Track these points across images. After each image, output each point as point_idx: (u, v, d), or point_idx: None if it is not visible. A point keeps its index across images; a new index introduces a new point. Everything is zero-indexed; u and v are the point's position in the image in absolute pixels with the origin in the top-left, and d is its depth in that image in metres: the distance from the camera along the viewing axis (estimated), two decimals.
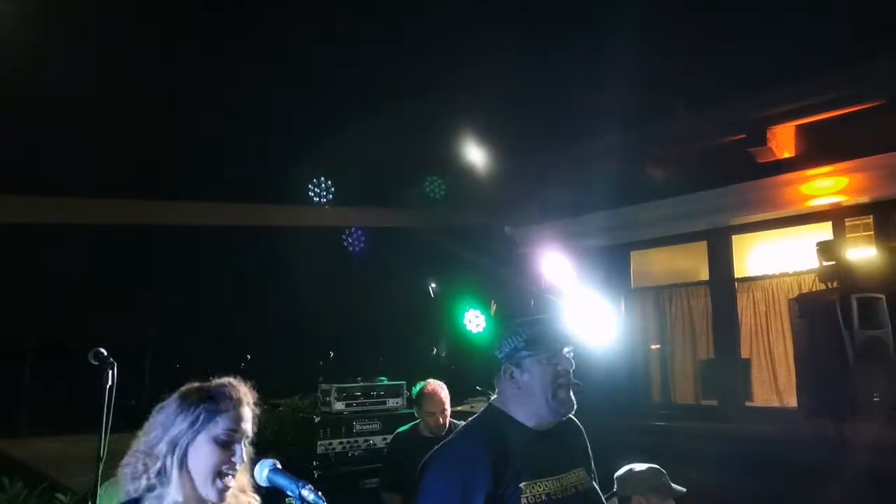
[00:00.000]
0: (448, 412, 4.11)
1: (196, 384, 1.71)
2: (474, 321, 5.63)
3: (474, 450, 2.05)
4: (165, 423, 1.62)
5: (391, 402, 5.13)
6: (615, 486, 3.00)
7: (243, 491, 1.70)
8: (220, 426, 1.63)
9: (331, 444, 4.79)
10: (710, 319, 6.33)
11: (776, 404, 5.85)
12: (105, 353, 2.78)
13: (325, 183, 4.06)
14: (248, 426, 1.68)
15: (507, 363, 2.13)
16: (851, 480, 4.50)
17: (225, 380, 1.73)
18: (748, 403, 6.02)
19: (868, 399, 4.47)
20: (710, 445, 5.56)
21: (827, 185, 5.37)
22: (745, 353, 6.08)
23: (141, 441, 1.63)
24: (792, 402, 5.64)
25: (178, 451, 1.59)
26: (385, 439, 4.99)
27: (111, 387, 2.72)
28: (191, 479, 1.60)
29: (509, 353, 2.13)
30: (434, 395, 4.08)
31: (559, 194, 6.39)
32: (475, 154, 6.44)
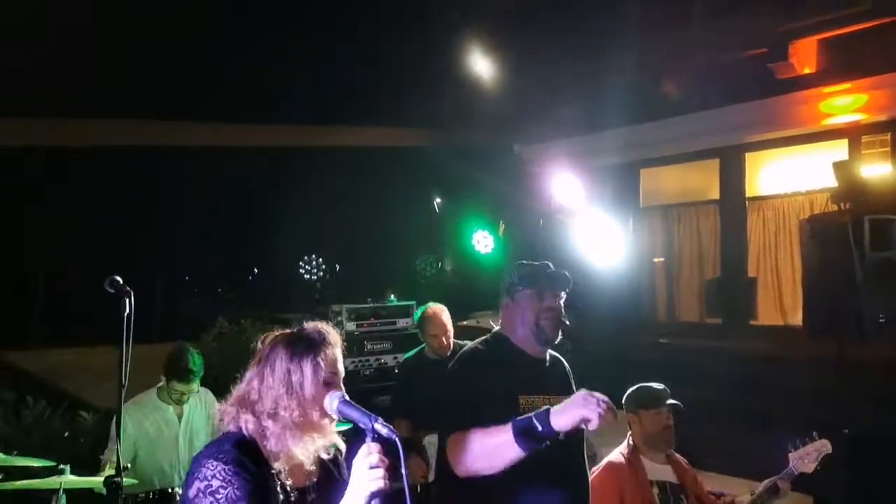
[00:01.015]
0: (451, 333, 4.17)
1: (292, 331, 1.80)
2: (482, 242, 5.66)
3: (475, 364, 2.43)
4: (279, 373, 1.69)
5: (401, 322, 5.22)
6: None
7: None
8: (324, 369, 1.73)
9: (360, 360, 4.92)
10: (719, 238, 6.32)
11: (780, 323, 5.92)
12: (121, 281, 2.75)
13: (317, 259, 4.19)
14: (342, 365, 1.81)
15: (504, 295, 2.50)
16: (853, 400, 4.61)
17: (317, 324, 1.83)
18: (752, 322, 6.09)
19: (874, 320, 4.51)
20: (713, 363, 5.67)
21: (845, 103, 5.22)
22: (751, 273, 6.11)
23: (257, 390, 1.69)
24: (796, 321, 5.71)
25: (297, 394, 1.68)
26: (396, 358, 5.10)
27: (129, 315, 2.72)
28: (311, 417, 1.69)
29: (507, 287, 2.50)
30: (435, 318, 4.14)
31: (570, 111, 6.24)
32: (483, 68, 6.24)
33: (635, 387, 3.13)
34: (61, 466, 3.02)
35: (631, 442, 3.12)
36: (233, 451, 1.59)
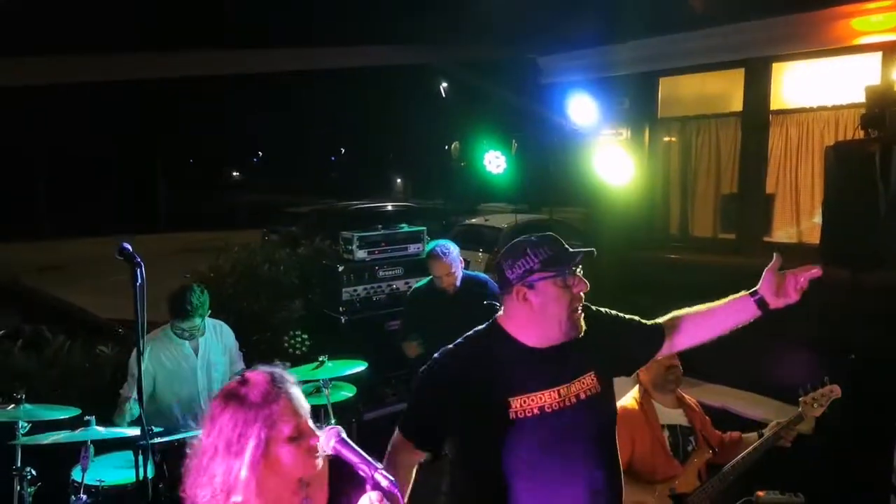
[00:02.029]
0: (456, 272, 4.18)
1: (233, 395, 1.55)
2: (494, 162, 5.51)
3: (453, 366, 2.10)
4: (229, 450, 1.50)
5: (412, 248, 5.20)
6: None
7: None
8: (280, 430, 1.52)
9: (355, 290, 4.93)
10: (738, 152, 6.14)
11: (795, 241, 5.86)
12: (130, 249, 2.66)
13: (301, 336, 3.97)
14: (305, 406, 1.59)
15: (519, 285, 2.05)
16: (862, 324, 4.63)
17: (259, 377, 1.57)
18: (766, 239, 6.02)
19: (893, 252, 4.44)
20: (725, 279, 5.65)
21: (880, 20, 4.87)
22: (770, 189, 5.97)
23: (209, 476, 1.51)
24: (812, 240, 5.64)
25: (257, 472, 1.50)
26: (407, 283, 5.13)
27: (141, 285, 2.66)
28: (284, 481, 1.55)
29: (522, 275, 2.05)
30: (439, 261, 4.14)
31: (588, 21, 5.87)
32: None
33: None
34: (87, 418, 3.10)
35: (641, 387, 3.16)
36: None
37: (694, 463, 3.07)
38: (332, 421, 3.54)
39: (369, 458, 1.49)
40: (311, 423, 1.59)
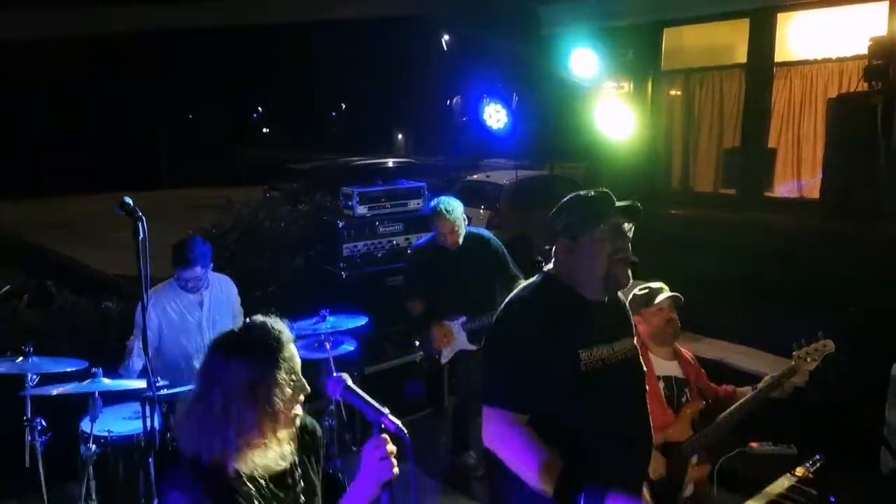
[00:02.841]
0: (459, 230, 4.13)
1: (242, 335, 1.61)
2: (494, 116, 5.45)
3: (529, 319, 2.09)
4: (241, 385, 1.54)
5: (412, 204, 5.18)
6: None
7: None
8: (285, 375, 1.58)
9: (356, 246, 4.94)
10: (742, 105, 6.09)
11: (796, 196, 5.85)
12: (131, 204, 2.67)
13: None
14: (297, 359, 1.63)
15: (563, 237, 2.12)
16: (865, 277, 4.66)
17: (266, 323, 1.62)
18: (767, 194, 6.02)
19: (892, 204, 4.45)
20: (725, 234, 5.68)
21: None
22: (772, 143, 5.94)
23: (216, 407, 1.54)
24: (812, 195, 5.64)
25: (264, 409, 1.55)
26: (407, 239, 5.13)
27: (143, 239, 2.67)
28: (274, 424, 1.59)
29: (565, 227, 2.12)
30: (442, 218, 4.07)
31: None
32: None
33: (636, 289, 3.14)
34: (94, 370, 3.15)
35: (638, 339, 3.20)
36: (195, 484, 1.52)
37: (687, 413, 3.12)
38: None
39: (376, 404, 1.53)
40: (302, 377, 1.65)
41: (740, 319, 5.25)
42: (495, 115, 5.44)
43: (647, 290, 3.12)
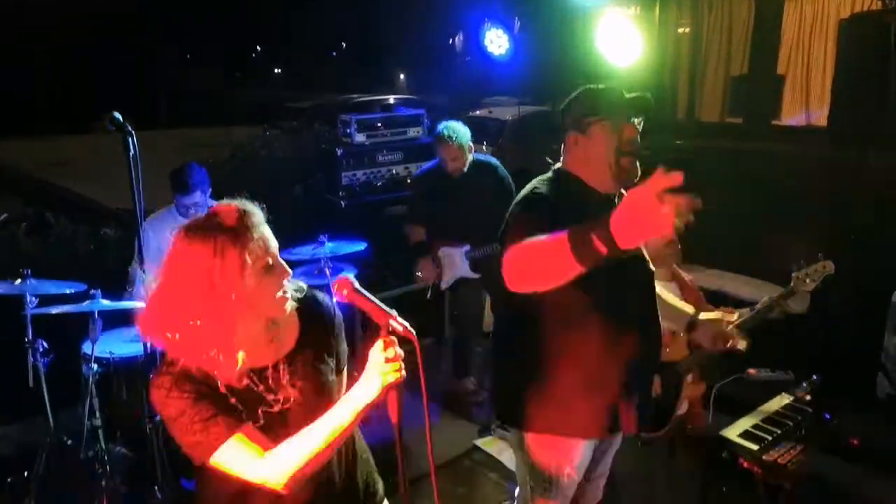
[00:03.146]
0: (463, 157, 4.05)
1: (203, 220, 1.49)
2: (496, 42, 5.30)
3: (541, 206, 2.07)
4: (201, 274, 1.44)
5: (411, 132, 5.11)
6: None
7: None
8: (254, 258, 1.47)
9: (354, 174, 4.90)
10: (751, 31, 5.91)
11: (803, 124, 5.74)
12: (120, 119, 2.62)
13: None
14: (272, 241, 1.53)
15: (573, 129, 2.13)
16: (869, 205, 4.61)
17: (230, 205, 1.51)
18: (774, 122, 5.91)
19: None
20: (731, 165, 5.60)
21: None
22: (780, 70, 5.79)
23: (176, 299, 1.45)
24: (820, 123, 5.53)
25: (226, 298, 1.45)
26: (407, 168, 5.08)
27: (135, 156, 2.64)
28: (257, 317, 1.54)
29: (575, 120, 2.13)
30: (446, 145, 3.98)
31: None
32: None
33: None
34: (93, 291, 3.16)
35: None
36: (166, 368, 1.48)
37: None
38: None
39: (383, 305, 1.49)
40: (281, 260, 1.55)
41: (742, 249, 5.23)
42: (497, 41, 5.28)
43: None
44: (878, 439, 3.68)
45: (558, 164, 2.24)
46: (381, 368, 1.46)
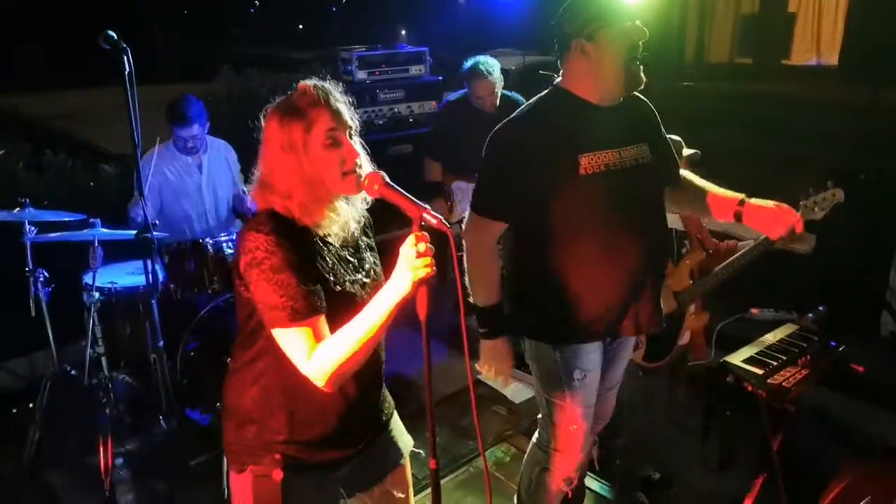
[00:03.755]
0: (498, 91, 3.99)
1: (283, 99, 1.63)
2: None
3: (526, 126, 2.11)
4: (279, 141, 1.58)
5: (413, 70, 4.99)
6: None
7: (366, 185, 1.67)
8: (320, 131, 1.57)
9: (356, 113, 4.81)
10: None
11: (814, 62, 5.62)
12: (116, 37, 2.59)
13: None
14: (345, 118, 1.63)
15: (578, 38, 2.04)
16: (881, 145, 4.54)
17: (300, 85, 1.64)
18: (784, 62, 5.78)
19: None
20: (741, 105, 5.50)
21: None
22: (791, 8, 5.65)
23: (261, 159, 1.62)
24: (831, 61, 5.42)
25: (298, 170, 1.58)
26: (409, 107, 4.99)
27: (130, 74, 2.60)
28: (326, 188, 1.60)
29: (580, 26, 2.04)
30: (484, 80, 3.91)
31: None
32: None
33: None
34: (92, 220, 3.13)
35: None
36: (269, 222, 1.55)
37: (686, 263, 3.10)
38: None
39: (415, 199, 1.48)
40: (356, 142, 1.65)
41: (749, 191, 5.16)
42: None
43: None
44: (881, 374, 3.68)
45: (558, 79, 2.18)
46: (412, 263, 1.44)
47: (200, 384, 3.33)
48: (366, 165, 1.64)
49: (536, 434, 2.55)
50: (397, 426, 1.96)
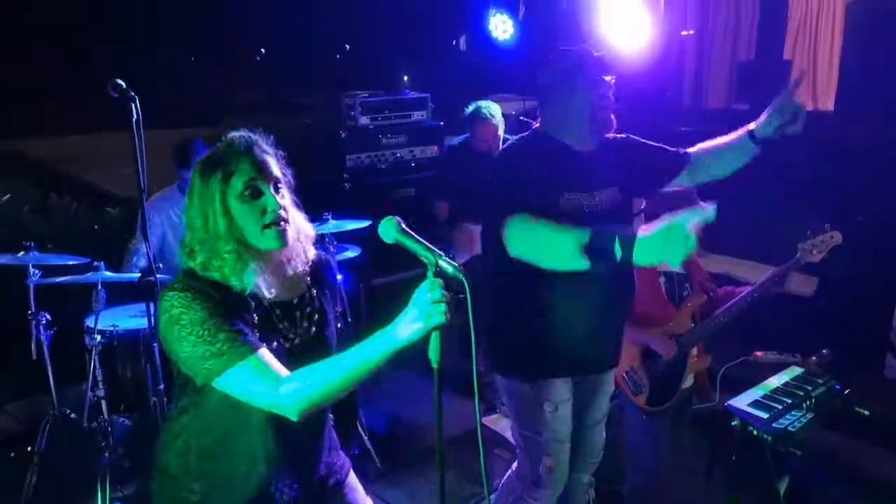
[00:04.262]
0: (501, 133, 4.08)
1: (203, 157, 1.61)
2: (501, 27, 5.28)
3: (519, 163, 2.24)
4: (201, 193, 1.55)
5: (416, 115, 5.08)
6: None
7: (298, 238, 1.64)
8: (244, 177, 1.54)
9: (359, 157, 4.87)
10: (758, 14, 5.88)
11: (809, 108, 5.69)
12: (124, 85, 2.65)
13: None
14: (269, 169, 1.57)
15: (546, 88, 2.28)
16: (877, 187, 4.58)
17: (230, 135, 1.61)
18: None
19: None
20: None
21: None
22: (787, 55, 5.75)
23: (185, 212, 1.60)
24: (827, 106, 5.48)
25: (225, 210, 1.54)
26: (411, 151, 5.06)
27: (137, 121, 2.65)
28: (246, 242, 1.55)
29: (552, 79, 2.26)
30: (486, 124, 4.02)
31: None
32: None
33: (672, 189, 3.06)
34: (96, 263, 3.15)
35: None
36: (184, 280, 1.52)
37: (688, 306, 3.11)
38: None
39: (431, 246, 1.44)
40: (284, 195, 1.60)
41: (747, 235, 5.19)
42: (501, 27, 5.26)
43: (687, 196, 3.02)
44: (887, 417, 3.64)
45: (536, 124, 2.35)
46: (426, 310, 1.37)
47: None
48: (298, 220, 1.61)
49: (515, 464, 2.61)
50: (353, 493, 1.86)
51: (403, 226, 1.49)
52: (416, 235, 1.46)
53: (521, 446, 2.49)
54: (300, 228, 1.63)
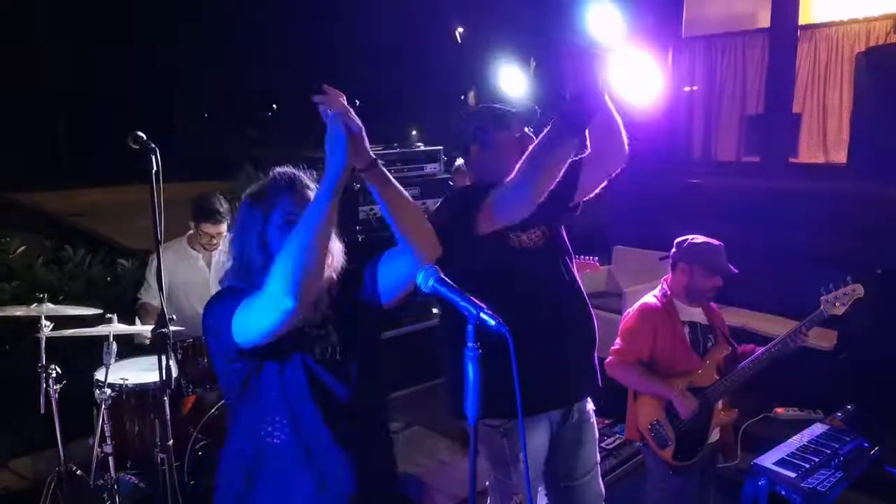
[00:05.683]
0: None
1: (250, 190, 1.73)
2: (511, 81, 5.33)
3: (459, 207, 2.32)
4: (243, 224, 1.68)
5: (429, 168, 5.10)
6: (673, 248, 3.07)
7: (331, 264, 1.71)
8: (283, 211, 1.65)
9: (372, 209, 4.86)
10: (765, 71, 5.95)
11: (821, 161, 5.71)
12: (144, 137, 2.66)
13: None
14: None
15: (475, 143, 2.41)
16: (892, 240, 4.54)
17: (275, 170, 1.73)
18: (792, 160, 5.88)
19: None
20: (749, 202, 5.55)
21: None
22: (796, 108, 5.80)
23: (230, 243, 1.73)
24: (839, 159, 5.50)
25: (262, 244, 1.65)
26: (424, 203, 5.06)
27: (157, 172, 2.66)
28: None
29: (475, 133, 2.40)
30: (464, 178, 4.07)
31: None
32: None
33: (702, 240, 3.03)
34: (108, 315, 3.12)
35: (667, 289, 3.10)
36: (224, 293, 1.67)
37: (713, 358, 3.04)
38: None
39: (471, 298, 1.42)
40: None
41: (764, 288, 5.13)
42: (512, 80, 5.31)
43: (714, 251, 3.00)
44: None
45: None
46: (330, 147, 1.52)
47: (207, 486, 3.21)
48: (334, 249, 1.71)
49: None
50: None
51: (441, 275, 1.48)
52: (454, 285, 1.46)
53: (494, 490, 2.50)
54: (335, 258, 1.72)
